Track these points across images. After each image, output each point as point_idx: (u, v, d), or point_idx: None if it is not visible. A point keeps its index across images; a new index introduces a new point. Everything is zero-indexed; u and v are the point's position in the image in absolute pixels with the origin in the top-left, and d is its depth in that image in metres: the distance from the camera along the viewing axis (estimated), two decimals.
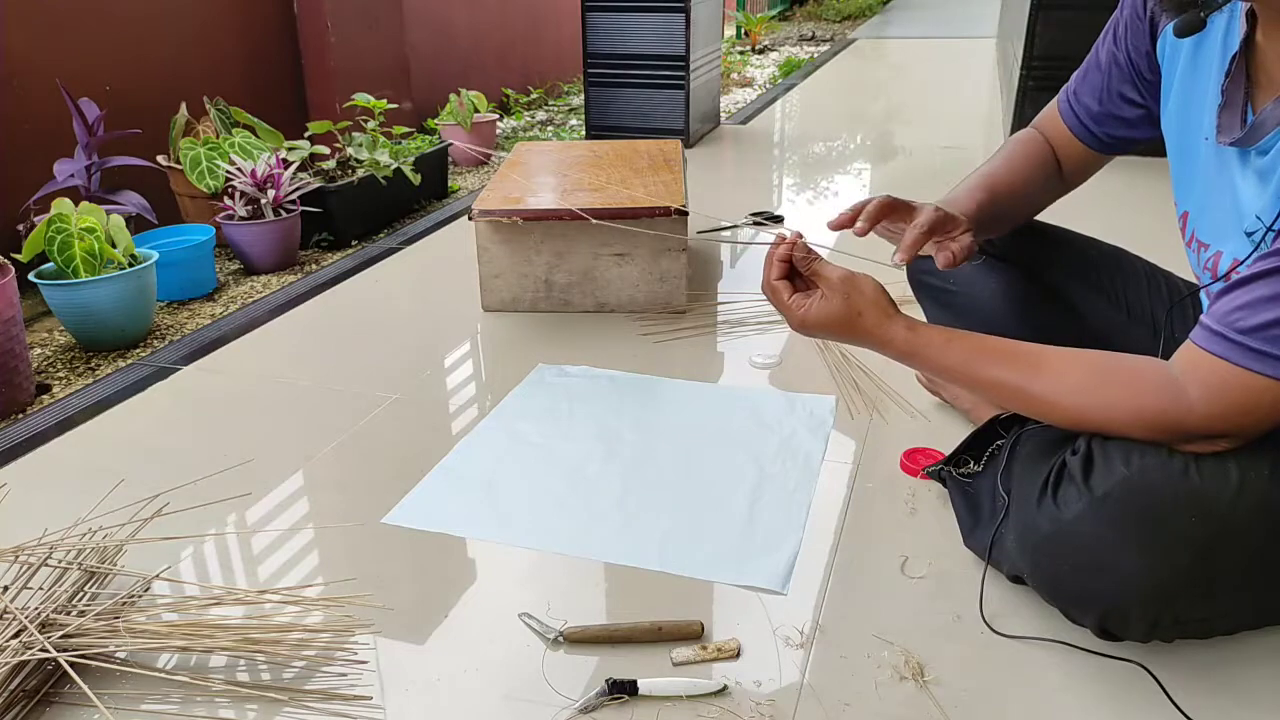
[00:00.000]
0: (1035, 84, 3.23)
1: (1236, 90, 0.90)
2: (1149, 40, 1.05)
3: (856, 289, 1.02)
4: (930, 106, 4.47)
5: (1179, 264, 1.23)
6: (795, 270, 1.07)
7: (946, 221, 1.09)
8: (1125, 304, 1.28)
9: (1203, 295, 1.05)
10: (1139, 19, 1.05)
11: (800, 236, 1.06)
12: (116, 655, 1.03)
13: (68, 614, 1.03)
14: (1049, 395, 0.93)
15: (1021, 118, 3.26)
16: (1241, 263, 0.89)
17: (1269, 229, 0.83)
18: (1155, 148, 1.09)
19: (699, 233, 2.48)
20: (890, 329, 1.01)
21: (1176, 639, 1.01)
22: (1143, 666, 1.00)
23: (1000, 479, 1.10)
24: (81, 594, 1.09)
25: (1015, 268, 1.34)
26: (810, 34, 7.43)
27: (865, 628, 1.08)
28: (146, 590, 1.15)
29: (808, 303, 1.04)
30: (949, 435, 1.41)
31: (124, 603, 1.08)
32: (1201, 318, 0.86)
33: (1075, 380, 0.92)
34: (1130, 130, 1.14)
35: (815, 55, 6.27)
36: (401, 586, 1.18)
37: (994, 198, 1.18)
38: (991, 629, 1.07)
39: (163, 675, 1.02)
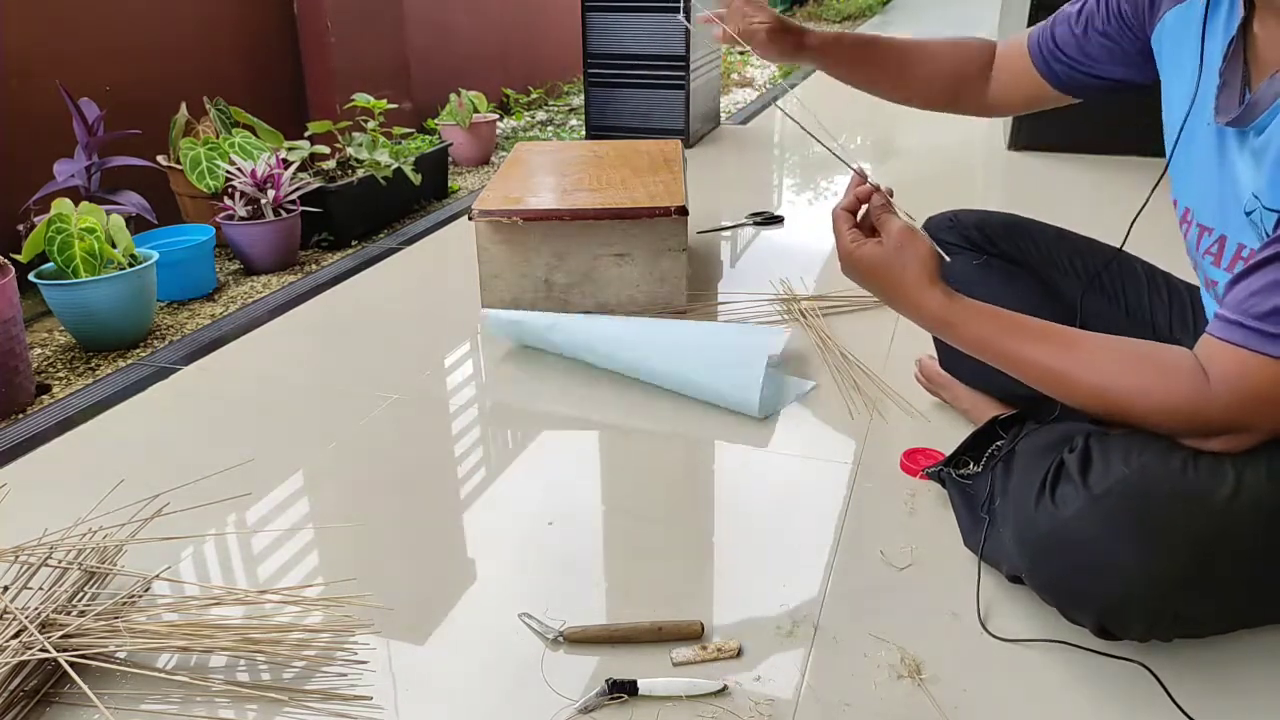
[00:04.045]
0: None
1: (1234, 73, 0.91)
2: (1145, 31, 1.07)
3: (912, 245, 1.01)
4: None
5: (1179, 265, 1.23)
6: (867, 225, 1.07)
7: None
8: (1124, 304, 1.29)
9: (1204, 293, 1.05)
10: (1138, 13, 1.06)
11: (892, 193, 1.05)
12: (116, 655, 1.03)
13: (68, 614, 1.03)
14: (1081, 375, 0.93)
15: (1020, 117, 3.25)
16: (1246, 246, 0.89)
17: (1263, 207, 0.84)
18: (1157, 149, 1.09)
19: (699, 232, 2.49)
20: (929, 293, 1.00)
21: (1174, 638, 1.01)
22: (1143, 666, 1.00)
23: (992, 487, 1.10)
24: (81, 594, 1.09)
25: (1013, 267, 1.34)
26: None
27: (865, 628, 1.09)
28: (146, 590, 1.15)
29: (863, 239, 1.04)
30: (949, 435, 1.41)
31: (124, 603, 1.08)
32: (1217, 309, 0.86)
33: (1108, 362, 0.92)
34: (1095, 85, 1.16)
35: None
36: (401, 586, 1.18)
37: (864, 44, 1.35)
38: (989, 633, 1.07)
39: (163, 675, 1.02)
